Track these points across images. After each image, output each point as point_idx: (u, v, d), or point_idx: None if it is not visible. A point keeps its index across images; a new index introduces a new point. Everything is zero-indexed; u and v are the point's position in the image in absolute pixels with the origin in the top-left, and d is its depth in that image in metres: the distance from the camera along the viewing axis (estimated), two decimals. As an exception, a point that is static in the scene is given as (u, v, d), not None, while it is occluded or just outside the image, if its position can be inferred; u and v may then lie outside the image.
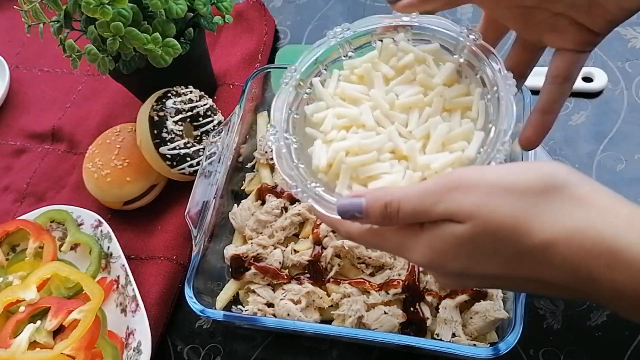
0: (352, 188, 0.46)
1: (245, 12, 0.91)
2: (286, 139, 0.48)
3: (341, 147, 0.46)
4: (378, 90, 0.48)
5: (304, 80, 0.51)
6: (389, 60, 0.49)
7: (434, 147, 0.44)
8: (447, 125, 0.45)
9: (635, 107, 0.76)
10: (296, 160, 0.48)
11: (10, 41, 1.00)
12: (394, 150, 0.46)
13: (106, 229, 0.72)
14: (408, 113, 0.47)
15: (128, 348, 0.64)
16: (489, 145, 0.42)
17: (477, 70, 0.46)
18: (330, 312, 0.63)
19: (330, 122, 0.48)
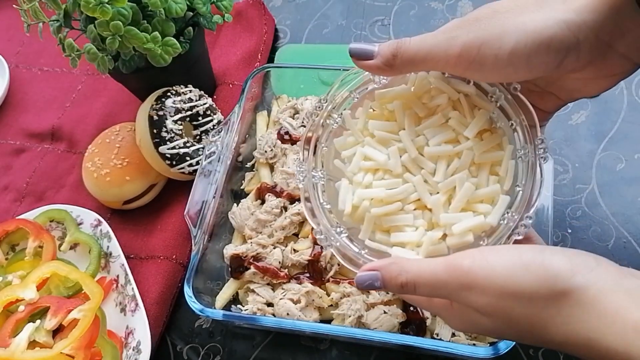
0: (376, 236, 0.47)
1: (245, 11, 0.91)
2: (313, 176, 0.49)
3: (366, 194, 0.46)
4: (408, 131, 0.47)
5: (335, 111, 0.51)
6: (422, 95, 0.48)
7: (458, 205, 0.44)
8: (474, 183, 0.44)
9: (636, 106, 0.76)
10: (322, 200, 0.49)
11: (10, 40, 1.00)
12: (418, 200, 0.46)
13: (106, 229, 0.72)
14: (436, 161, 0.46)
15: (127, 347, 0.64)
16: (514, 213, 0.42)
17: (512, 122, 0.45)
18: (329, 311, 0.63)
19: (357, 164, 0.48)
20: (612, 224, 0.68)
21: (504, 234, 0.43)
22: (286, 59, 0.88)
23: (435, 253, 0.44)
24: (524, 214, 0.42)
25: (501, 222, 0.43)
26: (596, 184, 0.71)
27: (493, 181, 0.45)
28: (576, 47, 0.41)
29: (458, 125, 0.46)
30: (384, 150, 0.47)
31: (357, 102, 0.50)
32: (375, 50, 0.44)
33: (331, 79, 0.79)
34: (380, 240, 0.47)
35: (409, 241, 0.45)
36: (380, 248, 0.47)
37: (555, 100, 0.49)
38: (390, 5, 0.92)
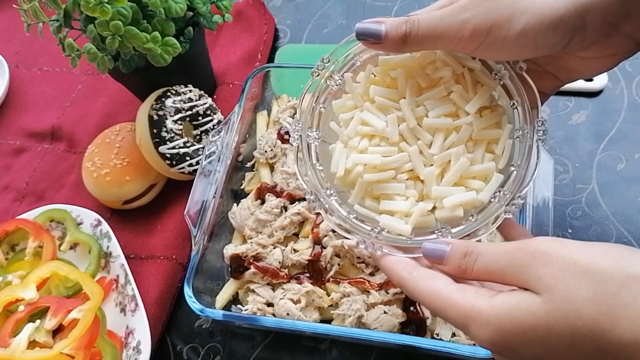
0: (365, 202, 0.47)
1: (245, 11, 0.91)
2: (308, 136, 0.49)
3: (360, 159, 0.46)
4: (409, 100, 0.46)
5: (336, 72, 0.50)
6: (426, 66, 0.47)
7: (451, 179, 0.44)
8: (469, 159, 0.44)
9: (636, 106, 0.76)
10: (315, 160, 0.48)
11: (10, 40, 1.00)
12: (412, 170, 0.46)
13: (105, 228, 0.72)
14: (434, 134, 0.46)
15: (127, 347, 0.64)
16: (505, 192, 0.42)
17: (514, 101, 0.45)
18: (329, 311, 0.63)
19: (354, 128, 0.47)
20: (613, 224, 0.68)
21: (494, 212, 0.43)
22: (286, 58, 0.88)
23: (424, 224, 0.44)
24: (516, 194, 0.42)
25: (492, 199, 0.43)
26: (596, 183, 0.71)
27: (488, 159, 0.45)
28: (582, 29, 0.41)
29: (459, 99, 0.46)
30: (383, 117, 0.47)
31: (359, 65, 0.50)
32: (383, 32, 0.43)
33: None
34: (369, 207, 0.47)
35: (398, 210, 0.45)
36: (369, 214, 0.47)
37: (553, 81, 0.48)
38: (391, 5, 0.92)
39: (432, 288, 0.40)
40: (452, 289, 0.40)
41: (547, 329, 0.35)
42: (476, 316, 0.37)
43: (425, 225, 0.45)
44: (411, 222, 0.44)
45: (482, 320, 0.37)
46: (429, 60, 0.47)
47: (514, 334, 0.36)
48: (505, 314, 0.36)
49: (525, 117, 0.44)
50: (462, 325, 0.39)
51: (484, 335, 0.37)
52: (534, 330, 0.35)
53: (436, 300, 0.40)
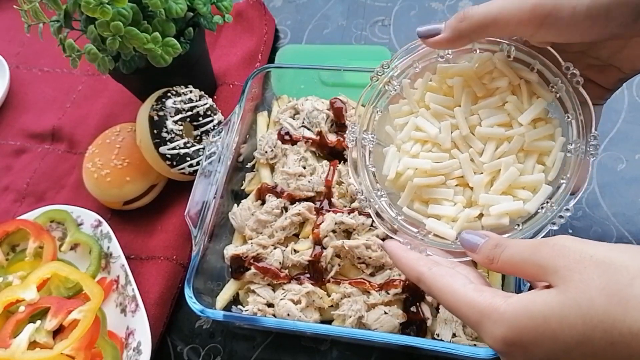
0: (414, 205, 0.48)
1: (245, 11, 0.91)
2: (363, 138, 0.50)
3: (412, 164, 0.47)
4: (463, 108, 0.47)
5: (395, 78, 0.51)
6: (483, 76, 0.48)
7: (500, 188, 0.45)
8: (519, 169, 0.45)
9: (636, 106, 0.76)
10: (369, 162, 0.50)
11: (10, 41, 1.00)
12: (461, 177, 0.46)
13: (106, 229, 0.72)
14: (486, 142, 0.46)
15: (128, 348, 0.64)
16: (553, 204, 0.43)
17: (568, 114, 0.45)
18: (330, 312, 0.63)
19: (408, 133, 0.48)
20: (613, 224, 0.68)
21: (540, 223, 0.43)
22: (286, 59, 0.88)
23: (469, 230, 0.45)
24: (563, 206, 0.42)
25: (539, 210, 0.44)
26: (597, 184, 0.71)
27: (538, 170, 0.45)
28: None
29: (514, 110, 0.46)
30: (437, 123, 0.48)
31: (418, 72, 0.51)
32: (442, 26, 0.44)
33: (332, 79, 0.79)
34: (417, 210, 0.48)
35: (445, 214, 0.46)
36: (417, 217, 0.48)
37: (616, 74, 0.47)
38: (391, 5, 0.92)
39: (451, 285, 0.41)
40: (469, 288, 0.40)
41: (560, 320, 0.35)
42: (492, 312, 0.38)
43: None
44: (457, 227, 0.45)
45: (498, 317, 0.37)
46: (486, 70, 0.48)
47: (528, 329, 0.36)
48: (521, 308, 0.36)
49: (579, 131, 0.44)
50: (476, 322, 0.39)
51: (497, 333, 0.37)
52: (547, 323, 0.35)
53: (453, 296, 0.40)
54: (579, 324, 0.34)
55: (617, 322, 0.33)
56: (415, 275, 0.44)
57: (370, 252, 0.63)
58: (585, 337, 0.34)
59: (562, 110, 0.46)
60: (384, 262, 0.63)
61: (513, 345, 0.37)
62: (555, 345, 0.35)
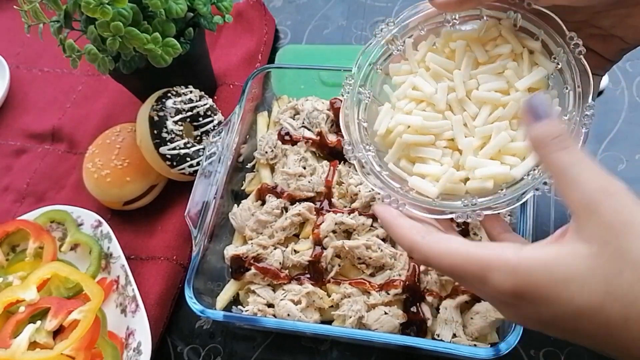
0: (400, 163, 0.47)
1: (246, 11, 0.91)
2: (360, 92, 0.49)
3: (404, 120, 0.46)
4: (463, 72, 0.46)
5: (398, 37, 0.50)
6: (487, 42, 0.47)
7: (489, 152, 0.44)
8: (511, 136, 0.44)
9: (636, 106, 0.76)
10: (361, 116, 0.49)
11: (11, 41, 1.00)
12: (452, 140, 0.46)
13: (106, 229, 0.72)
14: (481, 107, 0.46)
15: (128, 348, 0.64)
16: (540, 170, 0.42)
17: (567, 85, 0.44)
18: (330, 312, 0.63)
19: (404, 91, 0.48)
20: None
21: (524, 188, 0.42)
22: (287, 59, 0.88)
23: (452, 191, 0.44)
24: (547, 174, 0.41)
25: (525, 177, 0.43)
26: (597, 184, 0.71)
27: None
28: None
29: (512, 76, 0.45)
30: (434, 83, 0.47)
31: (422, 35, 0.50)
32: None
33: (332, 79, 0.79)
34: (403, 168, 0.47)
35: (430, 173, 0.45)
36: (401, 174, 0.47)
37: (619, 44, 0.47)
38: (391, 5, 0.92)
39: (447, 247, 0.39)
40: (470, 245, 0.39)
41: (582, 284, 0.33)
42: (501, 265, 0.36)
43: (453, 193, 0.45)
44: (439, 185, 0.44)
45: (509, 269, 0.36)
46: (491, 37, 0.47)
47: (543, 286, 0.34)
48: (540, 263, 0.35)
49: (575, 102, 0.43)
50: (481, 277, 0.37)
51: (507, 284, 0.35)
52: (566, 284, 0.34)
53: (452, 258, 0.38)
54: (600, 292, 0.33)
55: (638, 301, 0.32)
56: (408, 244, 0.42)
57: (370, 253, 0.63)
58: (603, 308, 0.33)
59: (562, 81, 0.45)
60: (384, 262, 0.63)
61: (522, 298, 0.35)
62: (568, 308, 0.34)
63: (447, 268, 0.39)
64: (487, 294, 0.38)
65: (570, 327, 0.35)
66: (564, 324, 0.35)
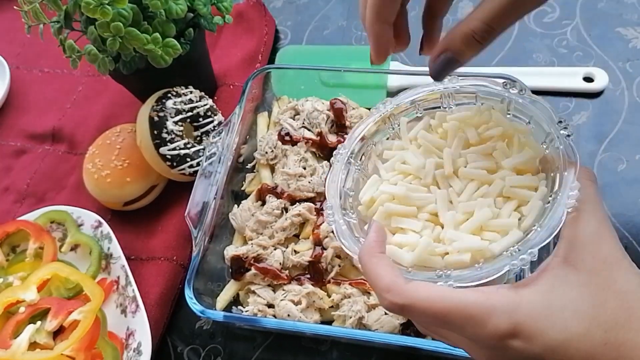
0: None
1: (246, 12, 0.91)
2: (350, 162, 0.50)
3: (388, 190, 0.46)
4: (452, 150, 0.47)
5: (394, 116, 0.51)
6: (480, 125, 0.48)
7: (470, 227, 0.43)
8: (493, 212, 0.43)
9: (636, 107, 0.76)
10: (348, 186, 0.49)
11: (11, 42, 1.00)
12: (435, 216, 0.45)
13: (106, 230, 0.72)
14: (467, 183, 0.45)
15: (128, 349, 0.64)
16: (520, 248, 0.41)
17: (554, 169, 0.44)
18: (330, 312, 0.63)
19: (394, 164, 0.48)
20: (614, 225, 0.67)
21: (502, 264, 0.40)
22: (287, 60, 0.88)
23: (428, 263, 0.43)
24: (527, 250, 0.40)
25: (504, 253, 0.41)
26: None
27: (514, 217, 0.44)
28: None
29: (500, 156, 0.45)
30: (422, 159, 0.47)
31: (418, 117, 0.51)
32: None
33: (332, 79, 0.79)
34: None
35: (407, 243, 0.44)
36: None
37: None
38: (391, 6, 0.92)
39: (442, 291, 0.38)
40: (465, 291, 0.38)
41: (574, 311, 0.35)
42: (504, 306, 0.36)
43: (428, 265, 0.43)
44: (415, 254, 0.43)
45: (512, 308, 0.36)
46: (483, 121, 0.47)
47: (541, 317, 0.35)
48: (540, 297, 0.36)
49: (561, 182, 0.42)
50: (479, 321, 0.36)
51: (507, 324, 0.35)
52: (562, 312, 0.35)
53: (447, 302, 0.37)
54: (587, 318, 0.35)
55: (618, 327, 0.34)
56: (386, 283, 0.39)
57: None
58: (588, 333, 0.35)
59: (551, 164, 0.44)
60: (384, 262, 0.63)
61: (517, 335, 0.36)
62: (561, 336, 0.35)
63: (439, 313, 0.37)
64: (475, 338, 0.37)
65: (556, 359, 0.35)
66: (551, 356, 0.35)
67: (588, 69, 0.78)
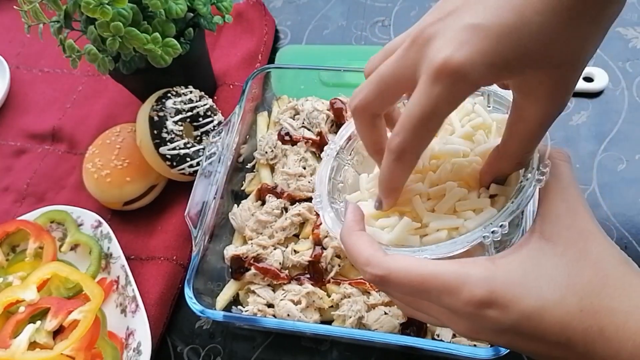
0: None
1: (246, 12, 0.91)
2: (339, 157, 0.53)
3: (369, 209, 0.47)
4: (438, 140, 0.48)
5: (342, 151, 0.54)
6: (463, 117, 0.50)
7: (445, 207, 0.44)
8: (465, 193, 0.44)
9: (636, 107, 0.76)
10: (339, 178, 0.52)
11: (11, 41, 1.00)
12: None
13: (106, 230, 0.72)
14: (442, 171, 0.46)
15: (128, 348, 0.64)
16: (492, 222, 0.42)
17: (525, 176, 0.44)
18: (330, 312, 0.63)
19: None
20: (613, 225, 0.68)
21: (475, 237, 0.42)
22: (287, 59, 0.88)
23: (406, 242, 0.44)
24: (498, 222, 0.41)
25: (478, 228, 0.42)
26: (597, 184, 0.71)
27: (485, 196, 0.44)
28: None
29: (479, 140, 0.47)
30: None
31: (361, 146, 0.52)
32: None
33: (332, 79, 0.79)
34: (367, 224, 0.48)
35: (388, 224, 0.45)
36: None
37: None
38: (391, 6, 0.92)
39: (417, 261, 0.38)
40: (440, 261, 0.38)
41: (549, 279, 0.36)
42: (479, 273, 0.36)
43: (407, 244, 0.44)
44: (394, 232, 0.44)
45: (487, 275, 0.36)
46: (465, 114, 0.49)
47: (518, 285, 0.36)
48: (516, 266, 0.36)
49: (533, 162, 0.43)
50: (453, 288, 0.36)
51: (481, 291, 0.36)
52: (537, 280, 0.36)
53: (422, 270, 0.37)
54: (562, 286, 0.35)
55: (594, 294, 0.35)
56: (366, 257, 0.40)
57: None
58: (563, 301, 0.35)
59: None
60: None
61: (492, 303, 0.36)
62: (536, 303, 0.35)
63: (415, 282, 0.38)
64: (452, 307, 0.37)
65: (530, 329, 0.36)
66: (527, 324, 0.35)
67: (588, 68, 0.78)
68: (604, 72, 0.78)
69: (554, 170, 0.40)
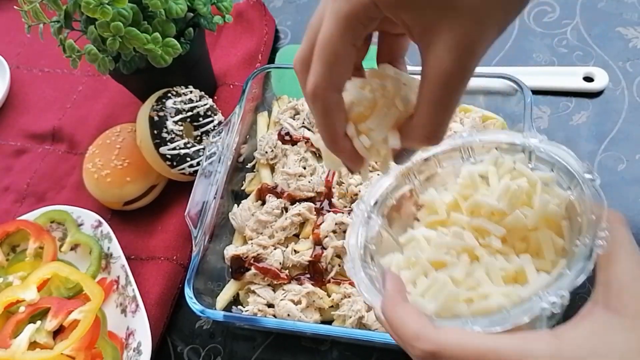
0: None
1: (246, 12, 0.91)
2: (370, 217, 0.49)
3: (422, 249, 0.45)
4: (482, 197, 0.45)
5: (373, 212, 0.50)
6: (504, 174, 0.47)
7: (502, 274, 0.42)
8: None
9: (636, 107, 0.76)
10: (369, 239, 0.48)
11: (11, 41, 1.00)
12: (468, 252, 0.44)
13: (106, 229, 0.72)
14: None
15: (128, 348, 0.64)
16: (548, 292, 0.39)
17: (580, 214, 0.43)
18: (330, 312, 0.63)
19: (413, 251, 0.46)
20: (614, 225, 0.67)
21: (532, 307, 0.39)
22: (287, 59, 0.88)
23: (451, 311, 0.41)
24: (557, 293, 0.38)
25: (533, 297, 0.39)
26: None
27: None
28: None
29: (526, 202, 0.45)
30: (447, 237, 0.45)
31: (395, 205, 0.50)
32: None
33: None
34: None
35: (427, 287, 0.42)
36: None
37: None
38: (391, 6, 0.92)
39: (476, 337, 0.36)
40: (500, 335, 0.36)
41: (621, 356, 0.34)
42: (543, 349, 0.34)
43: (454, 313, 0.41)
44: (439, 302, 0.41)
45: (552, 352, 0.34)
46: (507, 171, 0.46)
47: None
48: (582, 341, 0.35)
49: (589, 226, 0.41)
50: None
51: None
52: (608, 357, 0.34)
53: (481, 347, 0.35)
54: None
55: None
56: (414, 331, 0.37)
57: (370, 253, 0.63)
58: None
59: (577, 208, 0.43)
60: (384, 262, 0.63)
61: None
62: None
63: (472, 358, 0.35)
64: None
65: None
66: None
67: (588, 68, 0.78)
68: (604, 72, 0.77)
69: (612, 234, 0.38)
